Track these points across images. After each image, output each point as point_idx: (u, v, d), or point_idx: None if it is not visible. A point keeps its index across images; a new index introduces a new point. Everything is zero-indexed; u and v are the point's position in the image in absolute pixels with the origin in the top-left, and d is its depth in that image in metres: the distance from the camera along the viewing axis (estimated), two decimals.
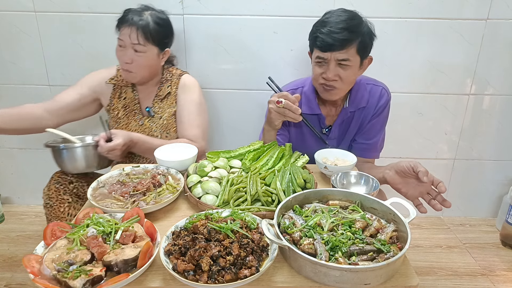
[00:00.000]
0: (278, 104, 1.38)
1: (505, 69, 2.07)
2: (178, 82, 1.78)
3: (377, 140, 1.67)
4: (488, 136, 2.24)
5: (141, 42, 1.60)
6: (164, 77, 1.80)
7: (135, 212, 1.04)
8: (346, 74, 1.45)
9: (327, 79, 1.46)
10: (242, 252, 0.89)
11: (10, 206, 2.46)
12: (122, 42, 1.62)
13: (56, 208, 1.62)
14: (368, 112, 1.62)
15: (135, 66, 1.64)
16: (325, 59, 1.44)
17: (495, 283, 1.92)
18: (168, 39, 1.74)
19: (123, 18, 1.63)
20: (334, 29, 1.38)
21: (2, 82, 2.12)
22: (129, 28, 1.59)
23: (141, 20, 1.60)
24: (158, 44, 1.66)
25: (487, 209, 2.45)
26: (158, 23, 1.64)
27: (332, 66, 1.43)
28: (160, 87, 1.78)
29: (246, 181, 1.23)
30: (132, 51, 1.61)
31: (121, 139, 1.49)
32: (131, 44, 1.60)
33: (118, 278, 0.84)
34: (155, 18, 1.64)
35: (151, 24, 1.62)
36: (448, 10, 1.94)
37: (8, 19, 1.98)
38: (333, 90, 1.49)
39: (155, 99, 1.79)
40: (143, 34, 1.60)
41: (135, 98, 1.80)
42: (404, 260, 0.95)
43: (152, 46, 1.64)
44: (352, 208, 1.08)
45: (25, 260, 0.87)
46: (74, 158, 1.54)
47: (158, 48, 1.67)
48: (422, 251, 2.16)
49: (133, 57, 1.62)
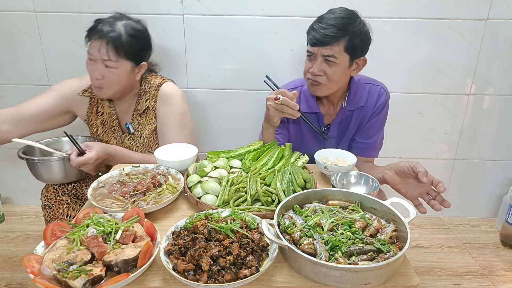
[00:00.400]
0: (276, 100, 1.39)
1: (505, 69, 2.07)
2: (156, 94, 1.63)
3: (376, 139, 1.68)
4: (488, 136, 2.24)
5: (112, 58, 1.44)
6: (142, 88, 1.64)
7: (135, 212, 1.04)
8: (331, 71, 1.46)
9: (313, 74, 1.48)
10: (242, 252, 0.89)
11: (10, 206, 2.46)
12: (92, 56, 1.47)
13: (54, 209, 1.62)
14: (367, 111, 1.63)
15: (106, 82, 1.49)
16: (314, 54, 1.46)
17: (495, 283, 1.92)
18: (144, 52, 1.58)
19: (92, 29, 1.47)
20: (324, 25, 1.41)
21: (2, 82, 2.13)
22: (99, 41, 1.43)
23: (112, 32, 1.43)
24: (133, 59, 1.51)
25: (487, 209, 2.45)
26: (132, 35, 1.48)
27: (319, 61, 1.46)
28: (139, 100, 1.64)
29: (246, 181, 1.23)
30: (102, 66, 1.47)
31: (94, 152, 1.41)
32: (101, 60, 1.45)
33: (118, 278, 0.84)
34: (129, 29, 1.48)
35: (124, 36, 1.46)
36: (448, 10, 1.94)
37: (8, 19, 1.98)
38: (318, 85, 1.50)
39: (134, 114, 1.65)
40: (114, 49, 1.44)
41: (112, 113, 1.67)
42: (404, 260, 0.95)
43: (125, 61, 1.48)
44: (352, 208, 1.08)
45: (25, 260, 0.87)
46: (49, 170, 1.49)
47: (132, 63, 1.52)
48: (422, 251, 2.16)
49: (103, 72, 1.47)
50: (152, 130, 1.64)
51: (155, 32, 1.98)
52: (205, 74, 2.08)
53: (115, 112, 1.67)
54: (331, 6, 1.87)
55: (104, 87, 1.51)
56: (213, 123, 2.20)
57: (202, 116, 2.19)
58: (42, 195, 1.66)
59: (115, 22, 1.48)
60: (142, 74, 1.60)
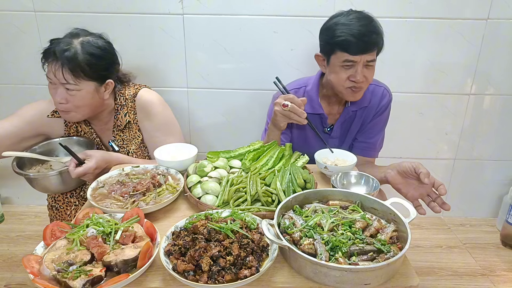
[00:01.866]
0: (284, 107, 1.39)
1: (505, 69, 2.07)
2: (134, 105, 1.54)
3: (377, 139, 1.68)
4: (488, 136, 2.24)
5: (70, 80, 1.33)
6: (117, 102, 1.54)
7: (135, 212, 1.04)
8: (370, 73, 1.48)
9: (357, 81, 1.46)
10: (242, 252, 0.89)
11: (10, 206, 2.46)
12: (51, 80, 1.36)
13: (62, 210, 1.60)
14: (369, 111, 1.63)
15: (71, 106, 1.39)
16: (354, 62, 1.43)
17: (495, 283, 1.92)
18: (108, 70, 1.45)
19: (46, 51, 1.36)
20: (363, 32, 1.39)
21: (2, 82, 2.12)
22: (54, 64, 1.33)
23: (67, 51, 1.32)
24: (95, 78, 1.39)
25: (488, 209, 2.44)
26: (92, 53, 1.36)
27: (360, 68, 1.44)
28: (117, 116, 1.54)
29: (246, 181, 1.23)
30: (63, 90, 1.36)
31: (93, 161, 1.34)
32: (60, 83, 1.35)
33: (118, 278, 0.84)
34: (87, 47, 1.36)
35: (81, 55, 1.34)
36: (448, 10, 1.93)
37: (7, 19, 1.98)
38: (360, 90, 1.50)
39: (114, 131, 1.57)
40: (70, 71, 1.32)
41: (91, 132, 1.58)
42: (404, 260, 0.95)
43: (87, 82, 1.37)
44: (352, 208, 1.07)
45: (25, 260, 0.87)
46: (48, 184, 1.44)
47: (95, 82, 1.40)
48: (422, 251, 2.16)
49: (66, 96, 1.36)
50: (139, 143, 1.58)
51: (155, 31, 1.99)
52: (205, 74, 2.08)
53: (94, 131, 1.60)
54: (331, 6, 1.88)
55: (70, 110, 1.41)
56: (213, 123, 2.20)
57: (202, 116, 2.19)
58: (48, 196, 1.63)
59: (71, 40, 1.37)
60: (110, 92, 1.49)
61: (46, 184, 1.45)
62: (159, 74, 2.07)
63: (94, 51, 1.38)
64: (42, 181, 1.43)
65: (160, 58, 2.05)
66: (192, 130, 2.22)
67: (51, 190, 1.51)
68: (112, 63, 1.47)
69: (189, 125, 2.20)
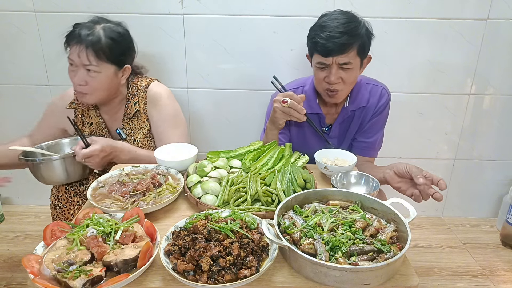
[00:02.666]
0: (283, 103, 1.39)
1: (505, 69, 2.07)
2: (145, 96, 1.62)
3: (376, 139, 1.68)
4: (488, 136, 2.24)
5: (93, 62, 1.42)
6: (129, 91, 1.61)
7: (135, 212, 1.04)
8: (347, 76, 1.46)
9: (330, 83, 1.46)
10: (242, 252, 0.89)
11: (10, 206, 2.46)
12: (73, 62, 1.44)
13: (65, 209, 1.60)
14: (368, 111, 1.63)
15: (89, 88, 1.46)
16: (327, 64, 1.44)
17: (495, 283, 1.92)
18: (127, 55, 1.54)
19: (70, 34, 1.44)
20: (334, 34, 1.38)
21: (2, 82, 2.12)
22: (78, 46, 1.41)
23: (90, 35, 1.41)
24: (115, 62, 1.48)
25: (487, 209, 2.44)
26: (112, 38, 1.45)
27: (334, 70, 1.44)
28: (127, 104, 1.61)
29: (246, 181, 1.23)
30: (84, 72, 1.44)
31: (98, 145, 1.38)
32: (82, 65, 1.43)
33: (118, 278, 0.84)
34: (108, 32, 1.45)
35: (104, 39, 1.43)
36: (448, 10, 1.93)
37: (8, 19, 1.98)
38: (337, 93, 1.50)
39: (124, 119, 1.63)
40: (94, 53, 1.41)
41: (100, 122, 1.64)
42: (404, 260, 0.95)
43: (106, 64, 1.45)
44: (352, 208, 1.07)
45: (25, 260, 0.87)
46: (51, 170, 1.45)
47: (115, 66, 1.49)
48: (422, 251, 2.16)
49: (86, 78, 1.44)
50: (146, 133, 1.63)
51: (154, 31, 1.99)
52: (205, 74, 2.08)
53: (103, 121, 1.65)
54: (332, 6, 1.88)
55: (88, 92, 1.48)
56: (213, 123, 2.20)
57: (202, 116, 2.19)
58: (52, 194, 1.64)
59: (93, 26, 1.45)
60: (127, 77, 1.57)
61: (50, 172, 1.45)
62: (159, 74, 2.06)
63: (115, 36, 1.47)
64: (46, 168, 1.44)
65: (160, 58, 2.05)
66: (192, 130, 2.22)
67: (55, 179, 1.50)
68: (130, 49, 1.56)
69: (189, 125, 2.20)
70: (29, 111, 2.19)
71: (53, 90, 2.13)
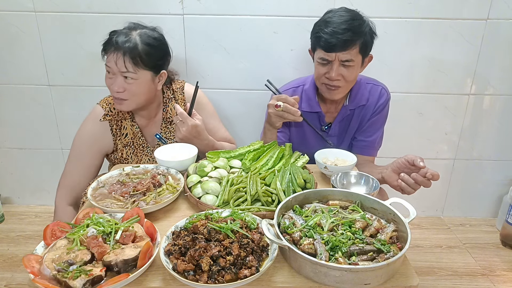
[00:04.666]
0: (276, 108, 1.40)
1: (505, 69, 2.07)
2: (183, 97, 1.65)
3: (375, 138, 1.69)
4: (488, 136, 2.24)
5: (130, 69, 1.42)
6: (165, 96, 1.63)
7: (135, 212, 1.04)
8: (348, 73, 1.46)
9: (331, 79, 1.47)
10: (242, 252, 0.89)
11: (10, 206, 2.46)
12: (110, 69, 1.44)
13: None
14: (368, 110, 1.64)
15: (127, 94, 1.46)
16: (329, 60, 1.44)
17: (495, 283, 1.92)
18: (163, 60, 1.54)
19: (107, 42, 1.45)
20: (338, 30, 1.39)
21: (2, 82, 2.12)
22: (115, 54, 1.41)
23: (127, 42, 1.41)
24: (152, 68, 1.48)
25: (487, 209, 2.44)
26: (149, 44, 1.45)
27: (336, 66, 1.44)
28: (166, 109, 1.63)
29: (246, 181, 1.23)
30: (122, 79, 1.44)
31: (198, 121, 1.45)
32: (120, 72, 1.43)
33: (118, 278, 0.84)
34: (145, 38, 1.45)
35: (140, 46, 1.43)
36: (448, 10, 1.93)
37: (8, 19, 1.98)
38: (336, 89, 1.50)
39: (162, 123, 1.64)
40: (131, 60, 1.41)
41: (136, 131, 1.61)
42: (404, 260, 0.95)
43: (144, 71, 1.46)
44: (352, 208, 1.08)
45: (25, 260, 0.87)
46: None
47: (151, 72, 1.49)
48: (422, 251, 2.16)
49: (123, 85, 1.44)
50: None
51: None
52: (205, 74, 2.08)
53: (139, 129, 1.63)
54: (331, 6, 1.88)
55: (126, 98, 1.47)
56: None
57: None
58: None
59: (130, 32, 1.45)
60: (163, 83, 1.58)
61: None
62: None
63: (151, 42, 1.47)
64: None
65: None
66: None
67: None
68: (166, 54, 1.56)
69: None
70: (29, 111, 2.19)
71: (53, 90, 2.13)
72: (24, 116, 2.21)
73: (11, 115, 2.21)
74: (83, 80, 2.10)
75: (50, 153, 2.30)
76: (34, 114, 2.20)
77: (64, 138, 2.26)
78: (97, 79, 2.03)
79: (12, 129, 2.25)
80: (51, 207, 2.40)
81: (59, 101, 2.16)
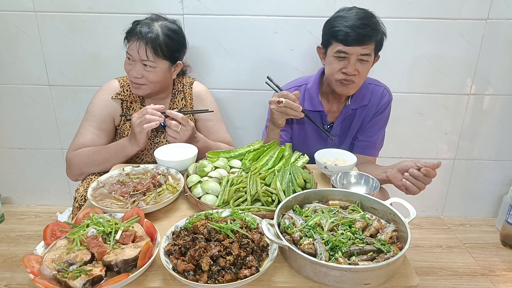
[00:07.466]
0: (278, 104, 1.40)
1: (505, 69, 2.07)
2: (191, 92, 1.72)
3: (377, 138, 1.69)
4: (488, 136, 2.24)
5: (151, 58, 1.50)
6: (175, 88, 1.71)
7: (135, 212, 1.04)
8: (364, 69, 1.48)
9: (348, 73, 1.47)
10: (242, 252, 0.89)
11: (10, 206, 2.46)
12: (131, 56, 1.52)
13: None
14: (369, 110, 1.64)
15: (145, 80, 1.54)
16: (347, 54, 1.45)
17: (495, 283, 1.92)
18: (180, 52, 1.62)
19: (131, 31, 1.53)
20: (358, 24, 1.41)
21: (2, 82, 2.12)
22: (138, 42, 1.48)
23: (150, 33, 1.48)
24: (169, 58, 1.56)
25: (487, 209, 2.45)
26: (169, 36, 1.53)
27: (353, 60, 1.45)
28: (173, 100, 1.70)
29: (246, 181, 1.23)
30: (141, 66, 1.52)
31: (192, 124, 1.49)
32: (140, 60, 1.51)
33: (118, 278, 0.84)
34: (165, 29, 1.53)
35: (161, 37, 1.51)
36: (448, 10, 1.94)
37: (8, 19, 1.98)
38: (352, 84, 1.51)
39: None
40: (152, 50, 1.49)
41: None
42: (404, 260, 0.95)
43: (162, 60, 1.54)
44: (352, 208, 1.08)
45: (25, 260, 0.87)
46: None
47: (169, 62, 1.57)
48: (422, 251, 2.16)
49: (142, 72, 1.52)
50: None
51: None
52: (205, 74, 2.08)
53: None
54: (331, 6, 1.88)
55: (144, 83, 1.55)
56: None
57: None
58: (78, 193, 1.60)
59: (152, 23, 1.53)
60: (177, 72, 1.66)
61: None
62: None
63: (171, 34, 1.54)
64: None
65: None
66: None
67: None
68: (183, 46, 1.64)
69: None
70: (29, 111, 2.19)
71: (53, 90, 2.13)
72: (24, 116, 2.21)
73: (11, 115, 2.21)
74: (83, 80, 2.10)
75: (50, 153, 2.30)
76: (34, 114, 2.20)
77: (64, 138, 2.26)
78: (97, 79, 2.03)
79: (12, 129, 2.25)
80: (51, 207, 2.43)
81: (59, 101, 2.16)
